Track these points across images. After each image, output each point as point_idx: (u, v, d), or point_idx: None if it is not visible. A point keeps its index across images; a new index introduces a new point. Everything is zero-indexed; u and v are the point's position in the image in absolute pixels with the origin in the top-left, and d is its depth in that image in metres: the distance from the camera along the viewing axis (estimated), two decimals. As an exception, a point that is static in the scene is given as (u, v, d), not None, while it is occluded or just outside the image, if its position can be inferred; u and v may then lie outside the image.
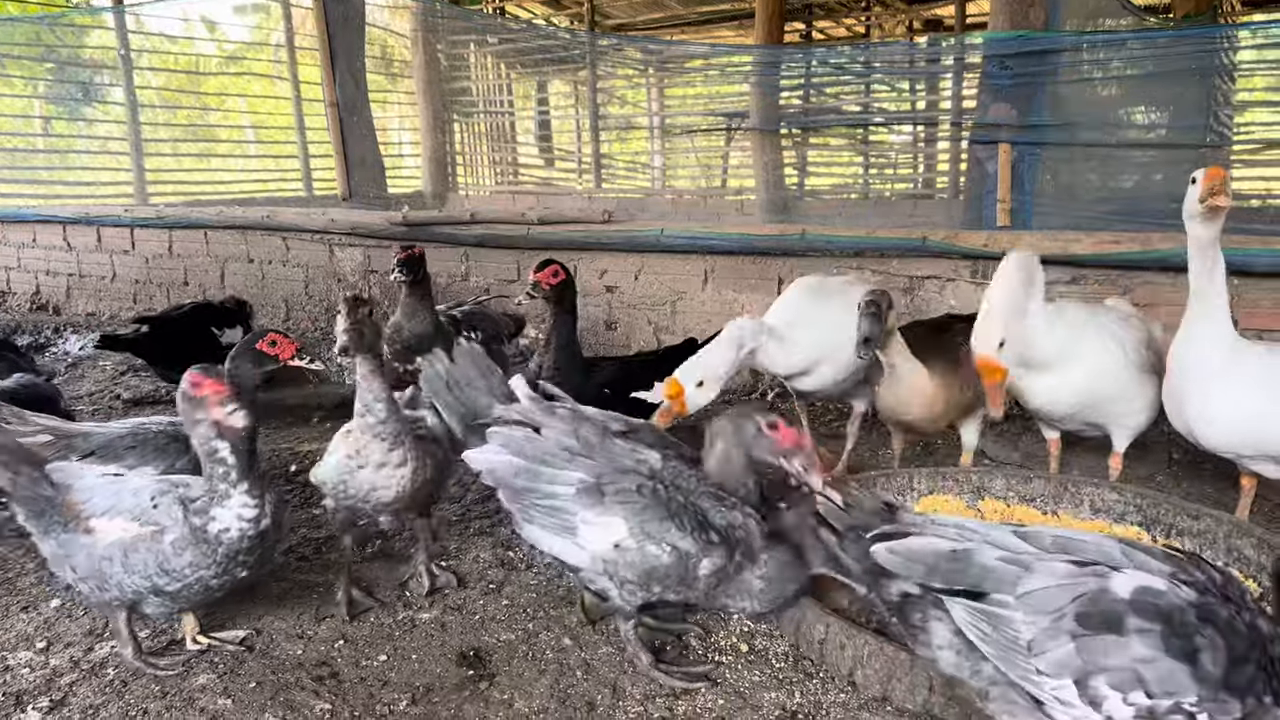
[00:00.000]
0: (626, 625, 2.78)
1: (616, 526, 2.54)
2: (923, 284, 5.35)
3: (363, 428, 3.02)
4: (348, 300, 3.10)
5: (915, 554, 2.08)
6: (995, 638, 1.97)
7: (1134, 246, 4.67)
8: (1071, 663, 1.87)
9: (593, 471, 2.59)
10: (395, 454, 3.03)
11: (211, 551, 2.67)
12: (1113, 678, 1.84)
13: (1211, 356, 3.12)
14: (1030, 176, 5.35)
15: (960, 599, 2.02)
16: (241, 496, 2.67)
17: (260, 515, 2.70)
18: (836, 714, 2.60)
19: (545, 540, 2.69)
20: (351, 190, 9.15)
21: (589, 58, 11.23)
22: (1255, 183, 8.77)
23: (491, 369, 3.01)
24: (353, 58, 9.42)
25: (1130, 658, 1.83)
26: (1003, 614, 1.96)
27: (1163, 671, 1.81)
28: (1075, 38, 5.48)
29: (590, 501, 2.56)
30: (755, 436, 2.52)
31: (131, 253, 8.71)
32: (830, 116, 9.75)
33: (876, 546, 2.11)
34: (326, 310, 7.68)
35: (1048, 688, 1.89)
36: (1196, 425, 3.20)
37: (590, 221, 6.48)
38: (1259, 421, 3.11)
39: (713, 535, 2.53)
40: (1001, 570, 2.01)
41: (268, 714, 2.67)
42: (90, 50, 13.56)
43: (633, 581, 2.58)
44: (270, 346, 3.44)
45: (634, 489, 2.56)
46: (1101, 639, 1.86)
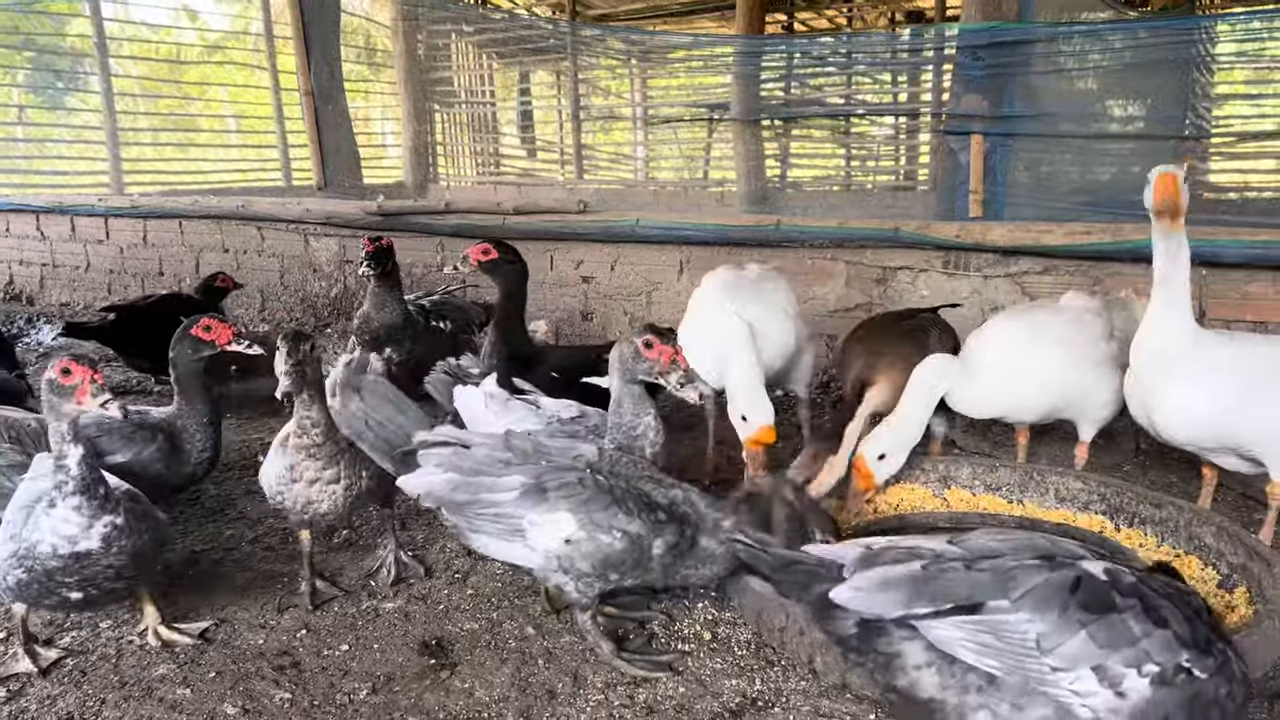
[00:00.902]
0: (584, 616, 2.78)
1: (564, 521, 2.56)
2: (895, 275, 5.35)
3: (298, 446, 2.99)
4: (286, 338, 2.92)
5: (887, 583, 1.96)
6: (1001, 646, 1.90)
7: (1105, 237, 4.69)
8: (1087, 651, 1.88)
9: (532, 473, 2.60)
10: (329, 471, 3.01)
11: (32, 566, 2.57)
12: (1125, 655, 1.88)
13: (1172, 346, 3.13)
14: (1002, 167, 5.37)
15: (950, 618, 1.92)
16: (66, 510, 2.54)
17: (80, 537, 2.54)
18: (797, 701, 2.61)
19: (495, 547, 2.70)
20: (327, 180, 9.11)
21: (570, 48, 11.18)
22: (1233, 175, 8.80)
23: (403, 400, 2.99)
24: (328, 46, 9.36)
25: (1132, 633, 1.89)
26: (1006, 619, 1.90)
27: (1158, 639, 1.89)
28: (1047, 29, 5.48)
29: (534, 501, 2.57)
30: (635, 359, 2.79)
31: (106, 242, 8.64)
32: (812, 108, 9.74)
33: (837, 591, 1.96)
34: (302, 300, 7.65)
35: (1064, 683, 1.88)
36: (1156, 417, 3.22)
37: (566, 212, 6.47)
38: (1221, 415, 3.13)
39: (660, 514, 2.58)
40: (985, 578, 1.95)
41: (227, 704, 2.66)
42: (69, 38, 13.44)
43: (589, 573, 2.60)
44: (205, 332, 3.47)
45: (576, 481, 2.58)
46: (1106, 621, 1.90)
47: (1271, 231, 4.38)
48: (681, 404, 3.00)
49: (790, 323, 3.99)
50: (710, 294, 4.05)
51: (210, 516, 4.01)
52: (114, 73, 10.38)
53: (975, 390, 3.55)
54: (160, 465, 3.40)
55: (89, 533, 2.55)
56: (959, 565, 1.99)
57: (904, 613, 1.93)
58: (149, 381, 5.88)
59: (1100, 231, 4.71)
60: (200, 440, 3.50)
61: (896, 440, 3.40)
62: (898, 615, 1.94)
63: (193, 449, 3.49)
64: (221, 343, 3.48)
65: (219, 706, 2.64)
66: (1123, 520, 3.40)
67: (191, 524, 3.93)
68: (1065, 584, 1.94)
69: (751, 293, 4.00)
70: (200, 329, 3.46)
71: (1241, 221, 4.81)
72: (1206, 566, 3.05)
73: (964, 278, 5.14)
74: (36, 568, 2.56)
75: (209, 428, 3.52)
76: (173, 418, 3.50)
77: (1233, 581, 2.92)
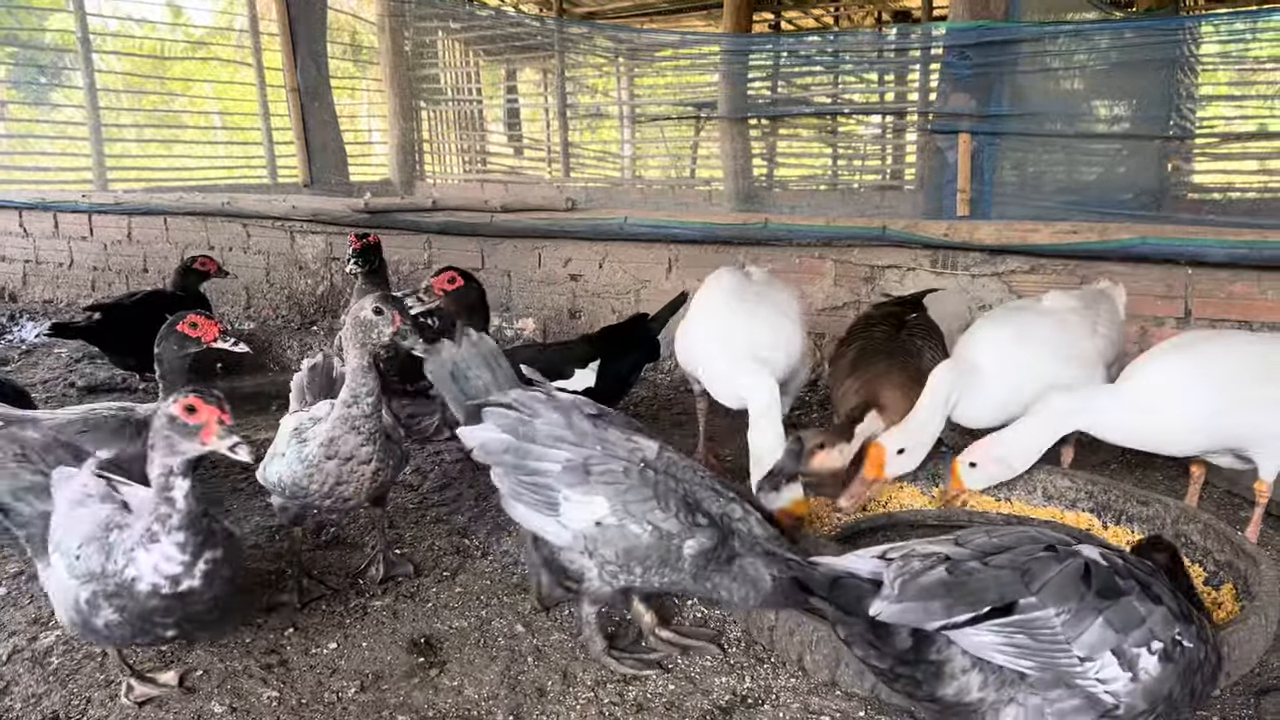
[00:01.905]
0: (589, 609, 2.73)
1: (598, 504, 2.52)
2: (883, 273, 5.37)
3: (344, 418, 2.89)
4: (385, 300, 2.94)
5: (926, 593, 1.93)
6: (1034, 645, 1.90)
7: (1092, 237, 4.71)
8: (1107, 637, 1.92)
9: (581, 453, 2.56)
10: (365, 449, 2.92)
11: (123, 605, 2.36)
12: (1136, 636, 1.93)
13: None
14: (990, 166, 5.38)
15: (987, 622, 1.91)
16: (170, 547, 2.34)
17: (183, 576, 2.35)
18: (786, 698, 2.61)
19: (530, 518, 2.64)
20: (313, 177, 9.05)
21: (558, 45, 11.16)
22: (1217, 176, 8.86)
23: (499, 361, 2.92)
24: (314, 42, 9.31)
25: (1139, 614, 1.95)
26: (1037, 616, 1.91)
27: (1158, 617, 1.97)
28: (1035, 28, 5.49)
29: (575, 480, 2.53)
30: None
31: (90, 239, 8.58)
32: (799, 107, 9.74)
33: (879, 608, 1.94)
34: (288, 298, 7.61)
35: (1092, 672, 1.91)
36: None
37: (554, 210, 6.45)
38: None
39: (700, 518, 2.51)
40: (1007, 575, 1.95)
41: (214, 702, 2.64)
42: (51, 33, 13.33)
43: (612, 561, 2.55)
44: (191, 329, 3.43)
45: (620, 470, 2.53)
46: (1118, 605, 1.95)
47: (1255, 231, 4.41)
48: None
49: (800, 333, 3.91)
50: (717, 298, 3.97)
51: (196, 514, 3.97)
52: (98, 68, 10.29)
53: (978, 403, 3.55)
54: (144, 463, 3.36)
55: (193, 571, 2.35)
56: (977, 565, 1.99)
57: (946, 621, 1.91)
58: (134, 379, 5.85)
59: (1087, 231, 4.73)
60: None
61: (917, 441, 3.38)
62: (941, 624, 1.91)
63: None
64: (208, 339, 3.45)
65: (206, 705, 2.63)
66: (1110, 518, 3.42)
67: (177, 522, 3.90)
68: (1078, 572, 1.97)
69: (758, 299, 3.92)
70: (186, 325, 3.43)
71: (1226, 221, 4.83)
72: (1193, 564, 3.07)
73: (951, 276, 5.16)
74: (132, 607, 2.36)
75: None
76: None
77: (1219, 579, 2.95)
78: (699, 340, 3.88)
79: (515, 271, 6.71)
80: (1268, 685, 2.62)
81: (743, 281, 4.09)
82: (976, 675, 1.96)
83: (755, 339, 3.68)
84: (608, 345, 4.35)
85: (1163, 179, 7.01)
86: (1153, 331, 4.70)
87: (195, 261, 6.01)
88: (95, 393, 5.74)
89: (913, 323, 4.09)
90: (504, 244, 6.70)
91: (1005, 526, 2.20)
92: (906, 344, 3.90)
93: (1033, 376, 3.52)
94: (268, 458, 3.09)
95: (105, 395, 5.68)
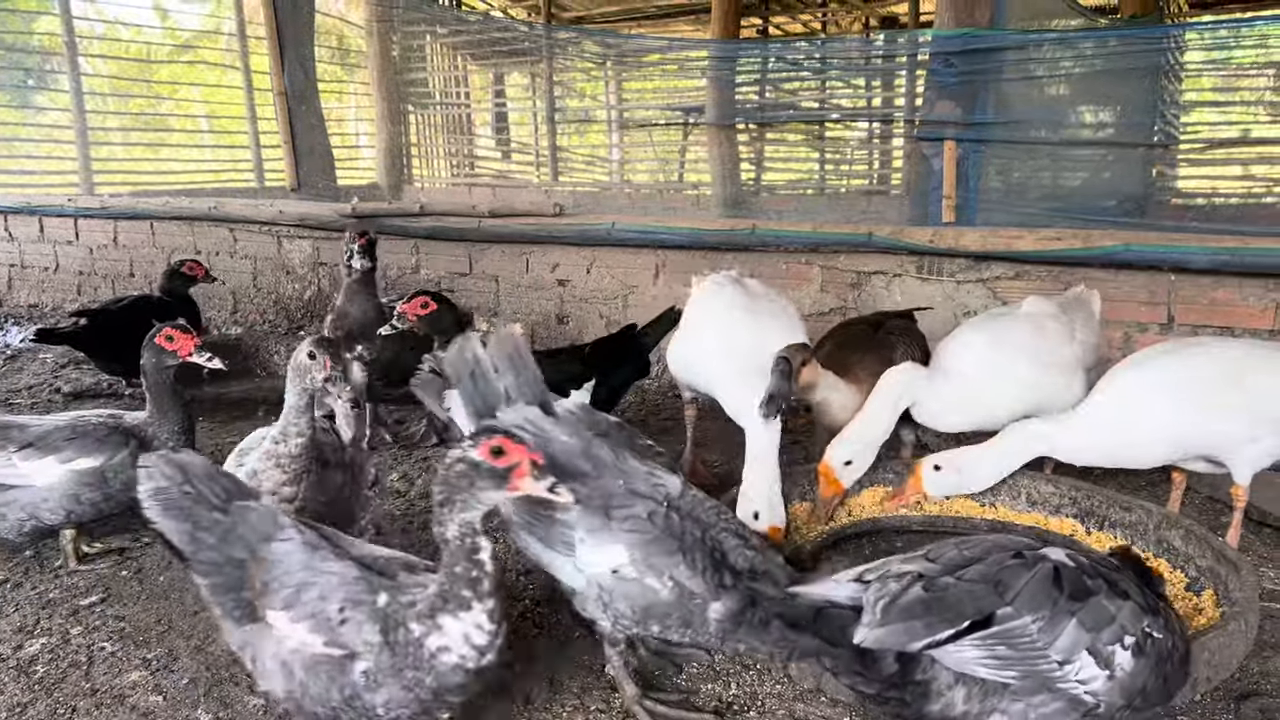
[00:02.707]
0: (612, 651, 2.56)
1: (618, 552, 2.32)
2: (870, 279, 5.39)
3: (270, 453, 2.84)
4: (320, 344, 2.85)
5: (905, 613, 1.94)
6: (1015, 656, 1.93)
7: (1075, 243, 4.75)
8: (1080, 638, 1.95)
9: (601, 491, 2.35)
10: (287, 489, 2.85)
11: (418, 680, 2.00)
12: (1109, 634, 1.97)
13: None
14: (975, 173, 5.42)
15: (968, 637, 1.93)
16: (480, 615, 1.98)
17: (489, 647, 2.01)
18: (772, 705, 2.62)
19: (542, 555, 2.47)
20: (300, 181, 9.04)
21: (546, 50, 11.17)
22: (1201, 182, 8.94)
23: (526, 367, 2.64)
24: (302, 46, 9.29)
25: (1109, 612, 1.99)
26: (1014, 625, 1.93)
27: (1127, 612, 2.00)
28: (1020, 36, 5.54)
29: (594, 524, 2.33)
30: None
31: (75, 243, 8.55)
32: (786, 112, 9.79)
33: (863, 635, 1.93)
34: (275, 303, 7.60)
35: (1071, 674, 1.94)
36: None
37: (542, 214, 6.46)
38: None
39: (727, 578, 2.29)
40: (980, 588, 1.97)
41: (200, 710, 2.64)
42: (37, 36, 13.27)
43: (628, 616, 2.36)
44: (168, 341, 3.36)
45: (645, 516, 2.33)
46: (1088, 605, 1.98)
47: (1237, 238, 4.45)
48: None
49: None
50: (719, 309, 3.89)
51: (182, 521, 3.97)
52: (84, 71, 10.27)
53: (940, 408, 3.58)
54: (131, 472, 3.34)
55: (495, 642, 2.02)
56: (951, 580, 2.00)
57: (929, 639, 1.91)
58: (120, 384, 5.82)
59: (1070, 237, 4.76)
60: (173, 447, 3.40)
61: (862, 445, 3.42)
62: (924, 644, 1.92)
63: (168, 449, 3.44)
64: (183, 354, 3.37)
65: (192, 713, 2.62)
66: (1093, 524, 3.44)
67: (163, 529, 3.89)
68: (1049, 577, 2.00)
69: (770, 315, 3.85)
70: (163, 338, 3.36)
71: (1209, 228, 4.88)
72: (1175, 570, 3.09)
73: (937, 282, 5.19)
74: (429, 683, 2.00)
75: (181, 435, 3.47)
76: (144, 424, 3.45)
77: (1200, 584, 2.97)
78: (706, 354, 3.79)
79: (503, 276, 6.71)
80: (1247, 690, 2.64)
81: (745, 293, 4.00)
82: (961, 690, 1.98)
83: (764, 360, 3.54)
84: (601, 360, 4.24)
85: (1147, 185, 7.07)
86: (1136, 338, 4.73)
87: (183, 266, 5.99)
88: (81, 399, 5.72)
89: (891, 325, 4.13)
90: (492, 249, 6.70)
91: (973, 537, 2.21)
92: (882, 340, 3.96)
93: (1011, 381, 3.56)
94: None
95: (91, 401, 5.67)
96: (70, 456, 3.29)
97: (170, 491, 2.22)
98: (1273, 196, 8.02)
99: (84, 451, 3.32)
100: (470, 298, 6.81)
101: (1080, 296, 4.14)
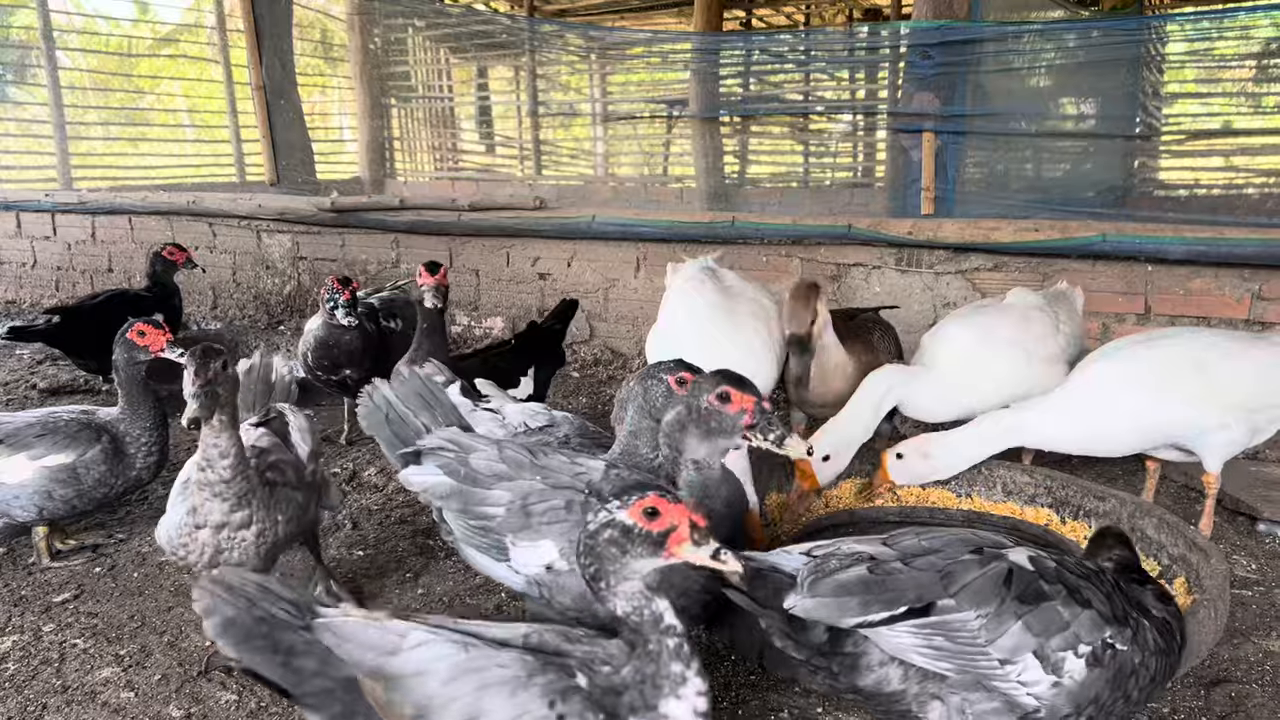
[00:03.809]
0: None
1: (546, 548, 2.33)
2: (849, 271, 5.40)
3: (202, 483, 2.64)
4: (194, 355, 2.56)
5: (841, 590, 1.94)
6: (953, 648, 1.92)
7: (1053, 235, 4.76)
8: (1025, 640, 1.94)
9: (520, 491, 2.38)
10: (239, 515, 2.67)
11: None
12: (1059, 640, 1.95)
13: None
14: (953, 165, 5.43)
15: (904, 622, 1.92)
16: (696, 681, 1.73)
17: (710, 709, 1.77)
18: (745, 694, 2.63)
19: (483, 564, 2.50)
20: (280, 175, 8.99)
21: (529, 44, 11.13)
22: (1183, 173, 8.98)
23: (437, 397, 2.73)
24: (280, 41, 9.24)
25: (1062, 618, 1.96)
26: (954, 619, 1.92)
27: (1085, 621, 1.97)
28: (997, 28, 5.55)
29: (519, 524, 2.35)
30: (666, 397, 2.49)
31: (53, 239, 8.48)
32: (770, 104, 9.78)
33: (793, 602, 1.93)
34: (255, 297, 7.56)
35: (1013, 675, 1.93)
36: None
37: (522, 208, 6.44)
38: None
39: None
40: (927, 577, 1.97)
41: (172, 706, 2.63)
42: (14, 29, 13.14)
43: (572, 609, 2.34)
44: (140, 337, 3.31)
45: (563, 506, 2.33)
46: (1039, 610, 1.96)
47: (1213, 228, 4.48)
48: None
49: (776, 361, 3.83)
50: (700, 308, 3.81)
51: (156, 517, 3.91)
52: (62, 65, 10.18)
53: (931, 403, 3.59)
54: (103, 468, 3.32)
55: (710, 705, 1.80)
56: (899, 565, 2.00)
57: (862, 619, 1.91)
58: (97, 381, 5.79)
59: (1049, 229, 4.78)
60: (146, 443, 3.41)
61: (841, 440, 3.42)
62: (856, 622, 1.92)
63: (138, 452, 3.39)
64: (155, 350, 3.32)
65: (164, 710, 2.61)
66: (1068, 513, 3.45)
67: (138, 525, 3.87)
68: (999, 577, 1.98)
69: (748, 313, 3.83)
70: (135, 334, 3.32)
71: (1185, 219, 4.91)
72: (1148, 558, 3.10)
73: (916, 274, 5.20)
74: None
75: (154, 430, 3.43)
76: (116, 420, 3.40)
77: (1173, 572, 2.98)
78: (672, 340, 3.72)
79: (484, 270, 6.69)
80: (1218, 677, 2.66)
81: (725, 294, 3.93)
82: (896, 668, 1.98)
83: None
84: (532, 350, 4.39)
85: (1127, 177, 7.10)
86: (1114, 328, 4.76)
87: (163, 250, 5.90)
88: (57, 395, 5.68)
89: (863, 316, 4.15)
90: (472, 242, 6.68)
91: (938, 528, 2.21)
92: (856, 328, 3.99)
93: (1000, 372, 3.57)
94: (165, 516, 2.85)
95: (67, 398, 5.63)
96: (41, 453, 3.26)
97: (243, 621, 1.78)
98: (1253, 188, 8.05)
99: (55, 448, 3.28)
100: (451, 291, 6.76)
101: (1064, 292, 4.16)
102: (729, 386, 2.27)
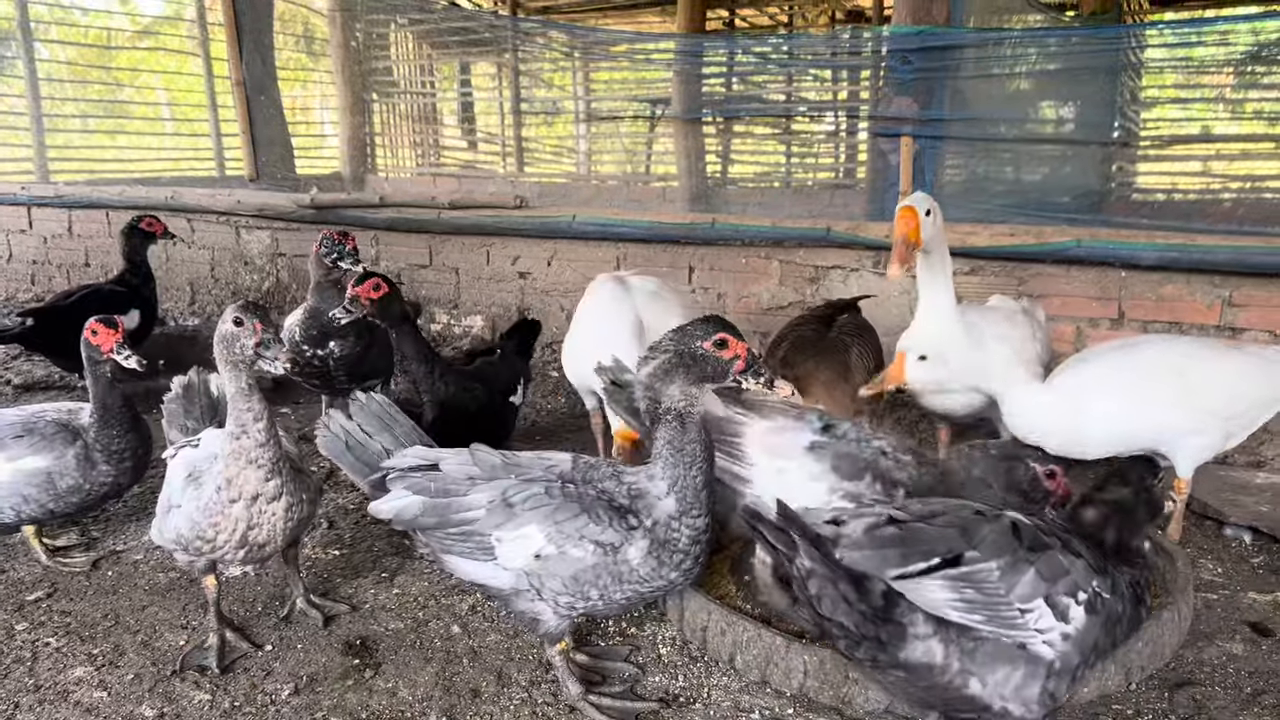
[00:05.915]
0: (553, 650, 2.59)
1: (533, 536, 2.39)
2: (828, 274, 5.43)
3: (235, 453, 2.63)
4: (247, 309, 2.62)
5: (882, 542, 2.04)
6: (980, 598, 2.00)
7: (1028, 239, 4.81)
8: (1038, 586, 2.04)
9: (499, 488, 2.44)
10: (271, 484, 2.68)
11: None
12: (1063, 586, 2.07)
13: None
14: (931, 169, 5.47)
15: (939, 573, 2.01)
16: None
17: None
18: (718, 696, 2.65)
19: (467, 568, 2.51)
20: (259, 171, 8.95)
21: (511, 41, 11.12)
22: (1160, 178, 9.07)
23: (396, 419, 2.72)
24: (261, 35, 9.19)
25: (1063, 566, 2.09)
26: (980, 568, 2.02)
27: (1080, 570, 2.11)
28: (976, 34, 5.59)
29: (502, 518, 2.40)
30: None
31: (29, 232, 8.41)
32: (752, 105, 9.81)
33: (840, 551, 2.02)
34: (233, 294, 7.52)
35: (1031, 623, 2.02)
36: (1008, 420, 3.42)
37: (503, 206, 6.44)
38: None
39: (631, 519, 2.38)
40: (951, 532, 2.08)
41: (145, 706, 2.62)
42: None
43: (565, 593, 2.42)
44: (92, 335, 3.22)
45: (542, 492, 2.42)
46: (1046, 558, 2.08)
47: (1185, 235, 4.53)
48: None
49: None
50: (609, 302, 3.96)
51: (132, 515, 3.94)
52: (40, 56, 10.09)
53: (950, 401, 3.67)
54: (78, 473, 3.25)
55: None
56: (922, 525, 2.11)
57: (903, 570, 2.01)
58: (73, 377, 5.74)
59: (1024, 234, 4.82)
60: (117, 450, 3.29)
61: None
62: (898, 573, 2.01)
63: (109, 461, 3.29)
64: (105, 350, 3.21)
65: (136, 709, 2.61)
66: (1039, 516, 3.50)
67: (113, 523, 3.86)
68: (1008, 529, 2.10)
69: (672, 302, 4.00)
70: (89, 331, 3.21)
71: (1158, 225, 4.96)
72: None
73: (894, 277, 5.23)
74: None
75: (124, 437, 3.31)
76: (88, 427, 3.31)
77: (1139, 576, 3.03)
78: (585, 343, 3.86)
79: (464, 268, 6.69)
80: (1182, 679, 2.70)
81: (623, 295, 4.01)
82: (939, 643, 2.04)
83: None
84: (518, 358, 4.47)
85: (1104, 182, 7.16)
86: (1088, 333, 4.80)
87: (140, 221, 5.73)
88: (32, 391, 5.64)
89: (843, 322, 4.16)
90: (452, 240, 6.67)
91: (934, 499, 2.32)
92: (834, 342, 3.97)
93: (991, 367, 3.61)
94: (160, 512, 2.83)
95: (43, 393, 5.59)
96: (17, 455, 3.22)
97: None
98: (1229, 193, 8.14)
99: (31, 450, 3.23)
100: (431, 289, 6.79)
101: (1028, 308, 4.22)
102: (725, 333, 2.37)
